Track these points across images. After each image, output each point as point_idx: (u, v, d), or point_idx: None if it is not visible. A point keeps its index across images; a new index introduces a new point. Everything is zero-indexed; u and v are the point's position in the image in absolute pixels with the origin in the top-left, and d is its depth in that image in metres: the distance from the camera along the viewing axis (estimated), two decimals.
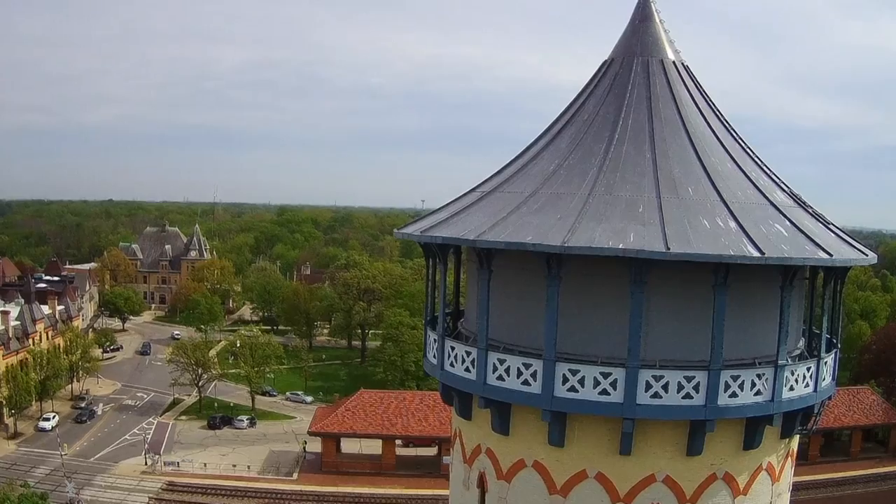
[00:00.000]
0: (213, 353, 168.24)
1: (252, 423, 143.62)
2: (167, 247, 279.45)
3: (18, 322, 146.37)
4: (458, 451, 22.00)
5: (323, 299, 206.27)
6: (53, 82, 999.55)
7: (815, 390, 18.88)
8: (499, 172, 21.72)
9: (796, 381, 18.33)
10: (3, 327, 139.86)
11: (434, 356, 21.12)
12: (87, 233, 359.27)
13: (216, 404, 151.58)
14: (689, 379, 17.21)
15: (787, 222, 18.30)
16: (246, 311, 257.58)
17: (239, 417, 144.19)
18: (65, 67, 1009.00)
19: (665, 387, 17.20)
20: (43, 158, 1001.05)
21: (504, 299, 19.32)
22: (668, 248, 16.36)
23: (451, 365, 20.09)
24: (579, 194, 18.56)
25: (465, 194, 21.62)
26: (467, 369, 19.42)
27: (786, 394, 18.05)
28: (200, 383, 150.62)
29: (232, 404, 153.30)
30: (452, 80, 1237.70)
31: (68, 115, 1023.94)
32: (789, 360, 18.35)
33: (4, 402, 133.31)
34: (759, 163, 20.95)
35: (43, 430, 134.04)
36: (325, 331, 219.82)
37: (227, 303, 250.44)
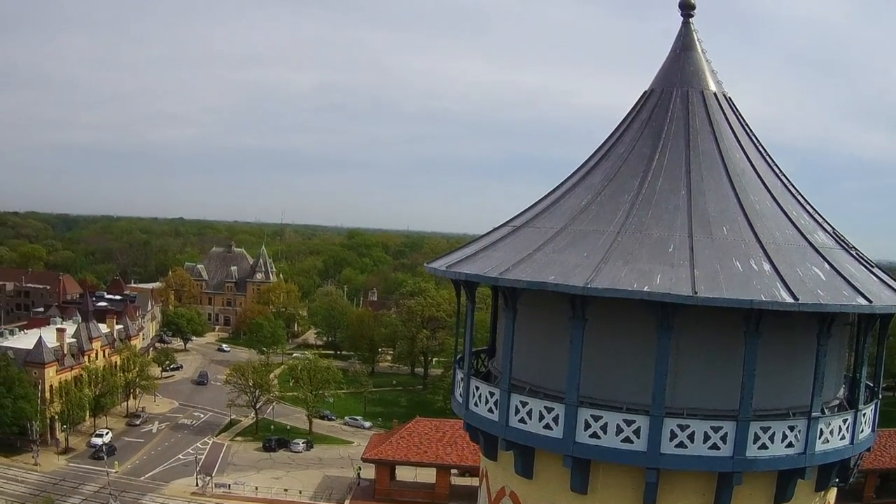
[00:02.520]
0: (272, 375, 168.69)
1: (308, 447, 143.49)
2: (233, 268, 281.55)
3: (74, 340, 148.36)
4: (484, 492, 21.48)
5: (388, 326, 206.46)
6: (126, 100, 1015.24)
7: (851, 443, 17.87)
8: (531, 207, 21.16)
9: (831, 433, 17.35)
10: (59, 344, 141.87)
11: (461, 395, 20.54)
12: (154, 251, 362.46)
13: (272, 427, 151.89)
14: (716, 429, 16.40)
15: (827, 265, 17.40)
16: (311, 336, 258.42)
17: (295, 440, 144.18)
18: (138, 86, 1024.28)
19: (691, 436, 16.41)
20: (115, 176, 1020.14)
21: (530, 339, 18.74)
22: (696, 293, 15.60)
23: (476, 405, 19.55)
24: (608, 232, 17.91)
25: (496, 228, 21.10)
26: (490, 410, 18.88)
27: (819, 446, 17.09)
28: (258, 405, 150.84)
29: (289, 427, 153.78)
30: (523, 106, 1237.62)
31: (141, 133, 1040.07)
32: (826, 410, 17.43)
33: (56, 417, 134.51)
34: (802, 201, 20.03)
35: (95, 445, 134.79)
36: (389, 357, 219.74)
37: (292, 326, 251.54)
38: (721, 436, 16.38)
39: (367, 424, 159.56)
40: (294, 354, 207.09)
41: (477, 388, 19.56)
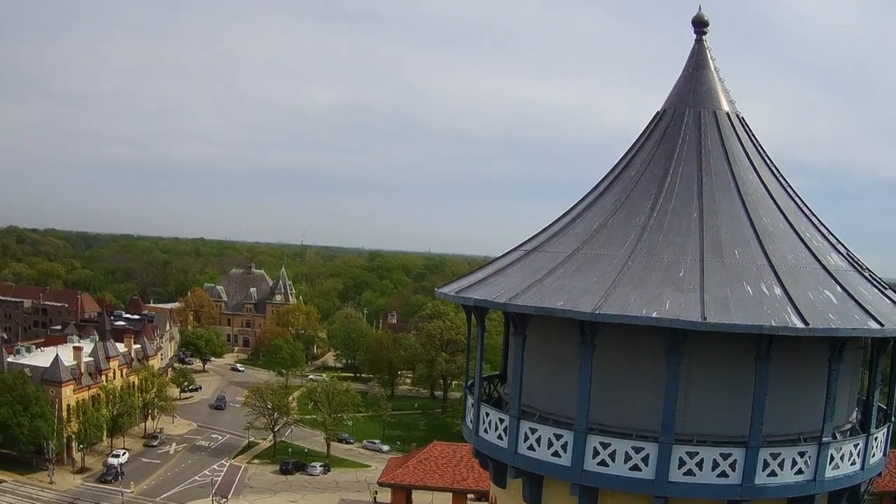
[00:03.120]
0: (291, 398, 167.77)
1: (325, 470, 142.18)
2: (252, 289, 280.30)
3: (91, 358, 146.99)
4: None
5: (407, 348, 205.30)
6: (146, 117, 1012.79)
7: (862, 468, 17.63)
8: (544, 230, 21.00)
9: (842, 458, 17.11)
10: (76, 363, 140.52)
11: (471, 421, 20.33)
12: (173, 271, 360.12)
13: (290, 449, 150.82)
14: (725, 456, 16.18)
15: (838, 288, 17.17)
16: (330, 358, 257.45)
17: (312, 463, 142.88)
18: (158, 103, 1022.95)
19: (699, 464, 16.19)
20: (134, 194, 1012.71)
21: (540, 365, 18.58)
22: (705, 318, 15.41)
23: (485, 431, 19.35)
24: (619, 256, 17.76)
25: (508, 252, 20.95)
26: (500, 437, 18.70)
27: (829, 472, 16.85)
28: (276, 428, 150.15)
29: (306, 450, 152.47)
30: (546, 127, 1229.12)
31: (161, 150, 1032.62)
32: (837, 435, 17.17)
33: (73, 437, 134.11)
34: (815, 222, 19.80)
35: (111, 466, 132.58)
36: (408, 379, 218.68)
37: (311, 348, 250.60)
38: (730, 463, 16.15)
39: (385, 448, 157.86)
40: (310, 377, 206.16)
41: (487, 415, 19.38)
